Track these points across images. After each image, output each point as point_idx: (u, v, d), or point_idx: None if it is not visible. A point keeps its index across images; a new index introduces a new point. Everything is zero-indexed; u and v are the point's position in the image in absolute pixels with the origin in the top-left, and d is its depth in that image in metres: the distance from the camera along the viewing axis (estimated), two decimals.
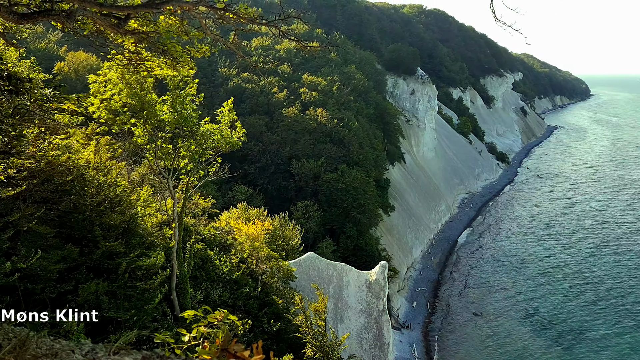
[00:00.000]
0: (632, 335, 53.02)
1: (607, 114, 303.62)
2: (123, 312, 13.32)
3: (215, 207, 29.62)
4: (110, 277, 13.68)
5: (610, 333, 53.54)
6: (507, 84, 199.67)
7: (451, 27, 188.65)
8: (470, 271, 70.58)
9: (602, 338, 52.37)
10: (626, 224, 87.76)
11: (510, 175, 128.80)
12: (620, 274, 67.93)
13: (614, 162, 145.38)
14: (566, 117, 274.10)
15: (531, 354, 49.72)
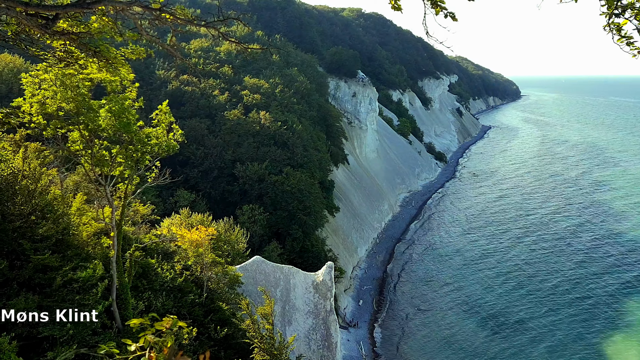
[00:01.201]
0: (551, 316, 56.87)
1: (536, 113, 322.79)
2: (59, 328, 12.62)
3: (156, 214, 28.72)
4: (44, 292, 12.93)
5: (534, 316, 57.22)
6: (443, 86, 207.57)
7: (389, 31, 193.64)
8: (413, 267, 72.70)
9: (529, 321, 55.60)
10: (547, 215, 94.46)
11: (448, 174, 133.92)
12: (542, 261, 72.70)
13: (541, 159, 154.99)
14: (499, 117, 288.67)
15: (471, 343, 51.92)
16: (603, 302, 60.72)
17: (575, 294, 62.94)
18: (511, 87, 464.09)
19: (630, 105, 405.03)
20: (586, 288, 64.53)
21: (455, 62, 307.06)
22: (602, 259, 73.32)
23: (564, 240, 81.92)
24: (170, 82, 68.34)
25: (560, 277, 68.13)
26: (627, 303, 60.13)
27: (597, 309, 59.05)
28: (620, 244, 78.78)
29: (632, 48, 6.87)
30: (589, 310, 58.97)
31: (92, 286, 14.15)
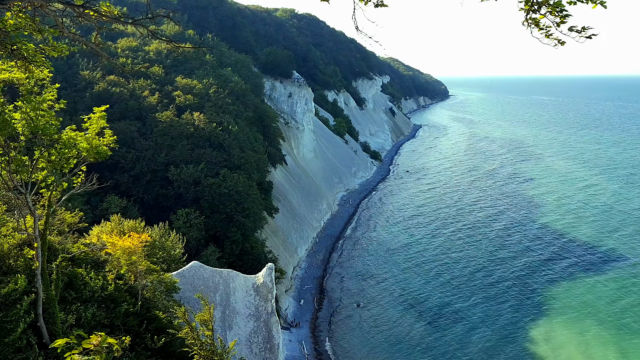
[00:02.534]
0: (484, 305, 60.19)
1: (464, 112, 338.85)
2: None
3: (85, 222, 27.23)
4: None
5: (464, 303, 60.50)
6: (376, 86, 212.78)
7: (323, 32, 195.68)
8: (352, 264, 73.99)
9: (461, 309, 58.46)
10: (473, 207, 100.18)
11: (383, 172, 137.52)
12: (469, 250, 76.98)
13: (468, 155, 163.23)
14: (429, 116, 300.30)
15: (409, 335, 53.67)
16: (522, 285, 65.39)
17: (497, 279, 67.56)
18: (440, 87, 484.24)
19: (547, 103, 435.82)
20: (507, 272, 69.30)
21: (387, 63, 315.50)
22: (530, 249, 78.46)
23: (488, 229, 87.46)
24: (96, 83, 64.98)
25: (484, 263, 72.64)
26: (546, 285, 64.86)
27: (516, 292, 63.56)
28: (546, 235, 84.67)
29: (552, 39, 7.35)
30: (509, 293, 63.43)
31: (15, 301, 13.19)
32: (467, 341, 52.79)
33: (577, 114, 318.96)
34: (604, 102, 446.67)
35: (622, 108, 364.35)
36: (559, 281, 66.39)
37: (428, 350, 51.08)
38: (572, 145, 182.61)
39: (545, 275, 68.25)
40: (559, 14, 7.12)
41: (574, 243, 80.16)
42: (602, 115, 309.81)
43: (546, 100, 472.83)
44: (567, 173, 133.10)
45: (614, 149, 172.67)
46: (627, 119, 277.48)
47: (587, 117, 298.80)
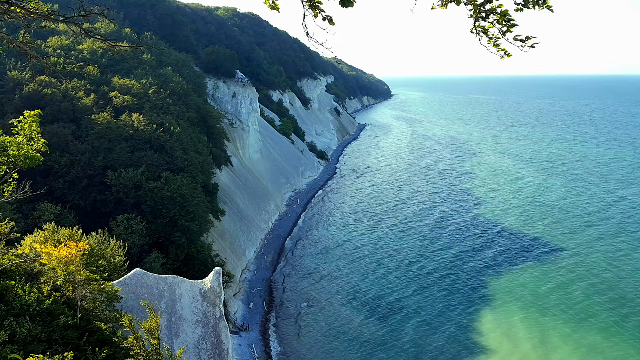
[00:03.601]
0: (420, 295, 62.69)
1: (406, 111, 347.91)
2: None
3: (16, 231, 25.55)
4: None
5: (405, 296, 62.41)
6: (321, 86, 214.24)
7: (266, 31, 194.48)
8: (301, 264, 74.09)
9: (404, 301, 60.18)
10: (416, 204, 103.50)
11: (330, 171, 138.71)
12: (411, 247, 79.40)
13: (411, 153, 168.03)
14: (373, 116, 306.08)
15: (359, 331, 54.47)
16: (454, 274, 68.65)
17: (431, 269, 70.72)
18: (382, 87, 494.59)
19: (484, 101, 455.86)
20: (441, 263, 72.55)
21: (331, 63, 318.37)
22: (462, 240, 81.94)
23: (424, 223, 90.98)
24: (25, 84, 61.09)
25: (420, 255, 75.63)
26: (475, 273, 68.16)
27: (449, 281, 66.66)
28: (477, 226, 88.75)
29: (499, 49, 7.50)
30: (442, 282, 66.43)
31: None
32: (404, 329, 54.65)
33: (510, 112, 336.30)
34: (535, 100, 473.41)
35: (551, 106, 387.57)
36: (488, 269, 70.08)
37: (382, 345, 52.13)
38: (504, 141, 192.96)
39: (475, 265, 71.86)
40: (505, 23, 7.25)
41: (501, 233, 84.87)
42: (533, 112, 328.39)
43: (482, 99, 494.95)
44: (497, 167, 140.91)
45: (540, 143, 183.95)
46: (554, 116, 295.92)
47: (518, 114, 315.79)
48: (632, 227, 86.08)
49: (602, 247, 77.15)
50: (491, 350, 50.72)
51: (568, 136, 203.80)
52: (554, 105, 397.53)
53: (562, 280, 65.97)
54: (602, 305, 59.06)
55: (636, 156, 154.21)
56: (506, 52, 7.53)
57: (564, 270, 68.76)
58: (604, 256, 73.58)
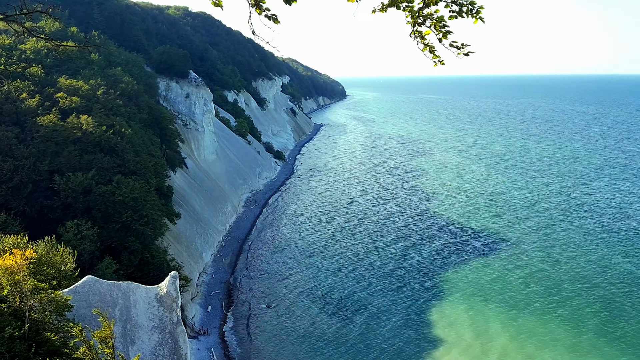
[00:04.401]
0: (383, 293, 63.59)
1: (361, 111, 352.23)
2: None
3: None
4: None
5: (367, 294, 63.20)
6: (276, 86, 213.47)
7: (219, 31, 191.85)
8: (259, 265, 73.64)
9: (367, 299, 61.05)
10: (370, 201, 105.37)
11: (287, 172, 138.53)
12: (371, 245, 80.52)
13: (368, 152, 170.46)
14: (329, 116, 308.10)
15: (317, 329, 54.72)
16: (415, 271, 70.06)
17: (392, 267, 71.80)
18: (337, 87, 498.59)
19: (434, 101, 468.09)
20: (401, 261, 73.85)
21: (285, 63, 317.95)
22: (410, 235, 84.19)
23: (384, 221, 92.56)
24: None
25: (380, 253, 76.75)
26: (435, 269, 69.89)
27: (410, 278, 67.98)
28: (425, 221, 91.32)
29: (434, 57, 7.73)
30: (404, 279, 67.59)
31: None
32: (368, 327, 55.39)
33: (458, 111, 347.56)
34: (484, 99, 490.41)
35: (499, 105, 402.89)
36: (434, 262, 72.42)
37: (334, 340, 52.61)
38: (452, 139, 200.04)
39: (422, 258, 74.09)
40: (441, 30, 7.47)
41: (447, 227, 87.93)
42: (481, 111, 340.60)
43: (433, 99, 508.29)
44: (445, 164, 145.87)
45: (485, 141, 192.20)
46: (502, 114, 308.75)
47: (466, 113, 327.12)
48: (567, 219, 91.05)
49: (539, 238, 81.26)
50: (436, 340, 52.27)
51: (511, 133, 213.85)
52: (501, 104, 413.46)
53: (503, 270, 68.97)
54: (539, 292, 62.18)
55: (573, 152, 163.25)
56: (440, 60, 7.80)
57: (504, 261, 71.94)
58: (541, 246, 77.51)
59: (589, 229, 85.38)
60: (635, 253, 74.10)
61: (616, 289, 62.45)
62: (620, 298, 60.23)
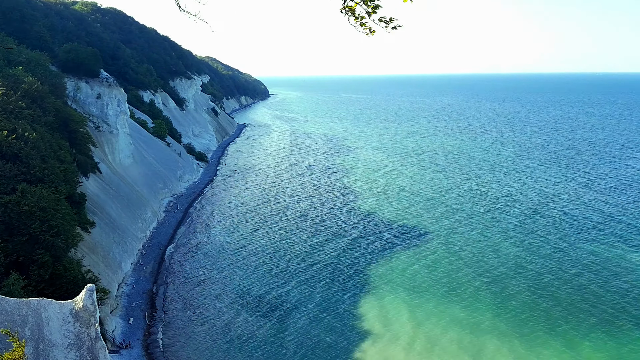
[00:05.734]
0: (302, 288, 64.59)
1: (284, 110, 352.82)
2: None
3: None
4: None
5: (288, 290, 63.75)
6: (196, 86, 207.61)
7: (132, 28, 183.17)
8: (184, 272, 71.36)
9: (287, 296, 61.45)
10: (295, 201, 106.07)
11: (210, 174, 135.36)
12: (291, 243, 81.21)
13: (292, 151, 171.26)
14: (252, 115, 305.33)
15: (250, 335, 54.10)
16: (331, 265, 71.58)
17: (311, 262, 73.03)
18: (260, 86, 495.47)
19: (356, 100, 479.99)
20: (319, 256, 75.12)
21: (205, 62, 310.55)
22: (339, 233, 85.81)
23: (308, 221, 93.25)
24: None
25: (300, 250, 77.70)
26: (352, 262, 71.92)
27: (327, 272, 69.51)
28: (352, 218, 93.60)
29: (365, 27, 7.97)
30: (321, 274, 69.01)
31: None
32: (285, 324, 55.88)
33: (378, 109, 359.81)
34: (400, 98, 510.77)
35: (414, 103, 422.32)
36: (362, 258, 74.47)
37: (262, 341, 52.30)
38: (375, 137, 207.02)
39: (350, 255, 75.92)
40: (370, 4, 7.72)
41: (374, 223, 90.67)
42: (397, 109, 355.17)
43: (354, 98, 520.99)
44: (370, 161, 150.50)
45: (408, 138, 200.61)
46: (415, 112, 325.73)
47: (385, 111, 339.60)
48: (468, 208, 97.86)
49: (443, 227, 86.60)
50: (365, 333, 53.73)
51: (423, 130, 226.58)
52: (413, 102, 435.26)
53: (410, 260, 72.64)
54: (442, 278, 66.21)
55: (489, 146, 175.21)
56: (371, 30, 8.11)
57: (412, 251, 75.95)
58: (445, 235, 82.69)
59: (487, 217, 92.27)
60: (525, 238, 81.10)
61: (509, 271, 67.98)
62: (512, 279, 65.59)
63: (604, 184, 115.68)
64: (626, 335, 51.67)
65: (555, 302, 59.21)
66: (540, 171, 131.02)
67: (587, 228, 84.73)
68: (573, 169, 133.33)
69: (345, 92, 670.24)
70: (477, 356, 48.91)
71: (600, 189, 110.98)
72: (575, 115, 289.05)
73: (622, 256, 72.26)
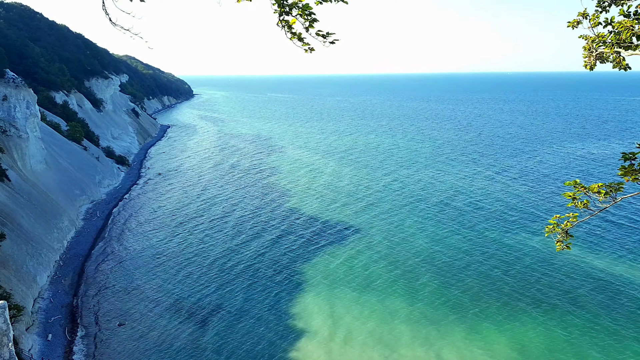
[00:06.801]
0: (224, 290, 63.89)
1: (210, 110, 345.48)
2: None
3: None
4: None
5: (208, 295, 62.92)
6: (114, 86, 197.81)
7: (41, 25, 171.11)
8: (107, 281, 68.07)
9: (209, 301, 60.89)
10: (226, 202, 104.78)
11: (133, 178, 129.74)
12: (214, 246, 79.98)
13: (219, 152, 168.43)
14: (176, 116, 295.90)
15: (180, 341, 52.78)
16: (263, 268, 71.26)
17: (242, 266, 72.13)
18: (183, 86, 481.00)
19: (283, 99, 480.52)
20: (247, 256, 74.73)
21: (123, 61, 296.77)
22: (262, 232, 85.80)
23: (232, 222, 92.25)
24: None
25: (229, 255, 76.28)
26: (281, 265, 72.17)
27: (251, 272, 69.61)
28: (276, 217, 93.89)
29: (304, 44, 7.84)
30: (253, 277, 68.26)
31: None
32: (206, 328, 55.31)
33: (308, 109, 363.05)
34: (329, 97, 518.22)
35: (342, 102, 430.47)
36: (284, 257, 74.92)
37: (195, 348, 51.31)
38: (301, 136, 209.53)
39: (273, 254, 76.20)
40: (307, 18, 7.54)
41: (297, 221, 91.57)
42: (326, 109, 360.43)
43: (281, 97, 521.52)
44: (296, 160, 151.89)
45: (332, 136, 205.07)
46: (344, 111, 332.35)
47: (315, 111, 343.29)
48: (402, 203, 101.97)
49: (378, 223, 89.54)
50: (286, 332, 54.15)
51: (353, 129, 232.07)
52: (341, 102, 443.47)
53: (347, 256, 74.35)
54: (379, 272, 68.52)
55: (407, 143, 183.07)
56: (310, 48, 7.93)
57: (348, 247, 77.93)
58: (380, 230, 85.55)
59: (419, 210, 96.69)
60: (456, 227, 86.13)
61: (422, 262, 71.76)
62: (425, 269, 69.29)
63: (508, 175, 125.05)
64: (526, 315, 56.27)
65: (463, 288, 63.18)
66: (451, 166, 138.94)
67: (493, 218, 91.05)
68: (482, 162, 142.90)
69: (273, 91, 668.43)
70: (392, 345, 51.06)
71: (505, 180, 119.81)
72: (486, 112, 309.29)
73: (523, 242, 78.60)
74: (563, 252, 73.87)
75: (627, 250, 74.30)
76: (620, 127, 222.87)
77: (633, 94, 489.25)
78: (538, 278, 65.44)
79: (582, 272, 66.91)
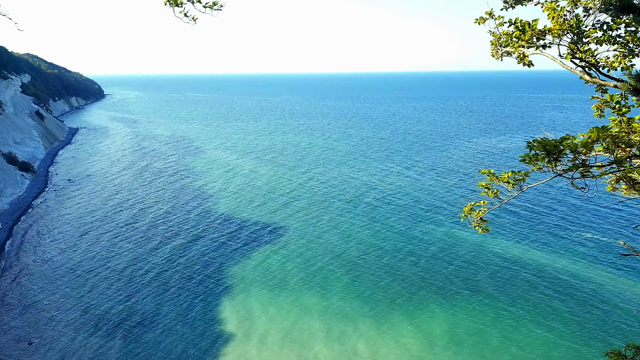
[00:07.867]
0: (135, 298, 62.58)
1: (123, 111, 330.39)
2: None
3: None
4: None
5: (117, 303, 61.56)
6: (14, 86, 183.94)
7: None
8: (13, 298, 64.18)
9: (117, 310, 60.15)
10: (144, 206, 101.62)
11: (39, 185, 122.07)
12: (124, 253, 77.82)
13: (136, 155, 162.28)
14: (86, 118, 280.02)
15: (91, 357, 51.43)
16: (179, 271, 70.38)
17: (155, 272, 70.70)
18: (93, 86, 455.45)
19: (201, 99, 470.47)
20: (163, 265, 73.03)
21: (24, 59, 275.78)
22: (177, 236, 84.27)
23: (143, 227, 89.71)
24: None
25: (141, 262, 74.36)
26: (197, 267, 71.63)
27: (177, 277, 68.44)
28: (192, 220, 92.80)
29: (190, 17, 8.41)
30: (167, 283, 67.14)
31: None
32: (114, 337, 54.07)
33: (227, 108, 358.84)
34: (249, 97, 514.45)
35: (262, 102, 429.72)
36: (212, 261, 74.18)
37: None
38: (220, 136, 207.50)
39: (189, 257, 75.34)
40: None
41: (215, 222, 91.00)
42: (246, 108, 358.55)
43: (199, 97, 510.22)
44: (214, 160, 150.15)
45: (251, 136, 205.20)
46: (264, 111, 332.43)
47: (234, 110, 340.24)
48: (318, 200, 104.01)
49: (295, 221, 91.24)
50: (217, 336, 54.01)
51: (273, 128, 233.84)
52: (262, 101, 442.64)
53: (264, 256, 75.04)
54: (295, 270, 69.91)
55: (324, 141, 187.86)
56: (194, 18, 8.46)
57: (279, 247, 78.92)
58: (296, 228, 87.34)
59: (334, 207, 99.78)
60: (368, 222, 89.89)
61: (352, 256, 74.64)
62: (356, 263, 72.26)
63: (418, 170, 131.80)
64: (453, 300, 60.55)
65: (375, 281, 66.34)
66: (365, 163, 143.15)
67: (402, 211, 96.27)
68: (394, 158, 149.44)
69: (192, 91, 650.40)
70: (308, 343, 52.38)
71: (414, 175, 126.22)
72: (399, 111, 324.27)
73: (429, 233, 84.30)
74: (465, 240, 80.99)
75: (523, 236, 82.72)
76: (519, 122, 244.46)
77: (534, 92, 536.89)
78: (444, 267, 70.57)
79: (482, 258, 73.49)
